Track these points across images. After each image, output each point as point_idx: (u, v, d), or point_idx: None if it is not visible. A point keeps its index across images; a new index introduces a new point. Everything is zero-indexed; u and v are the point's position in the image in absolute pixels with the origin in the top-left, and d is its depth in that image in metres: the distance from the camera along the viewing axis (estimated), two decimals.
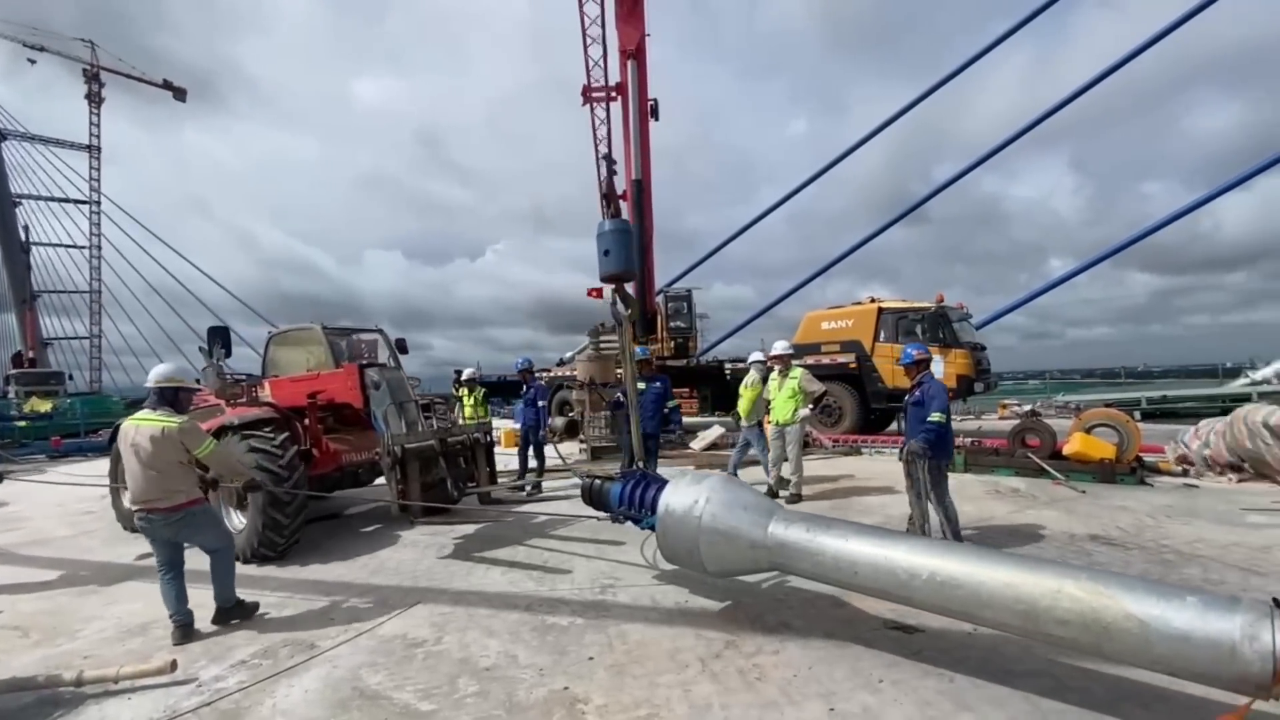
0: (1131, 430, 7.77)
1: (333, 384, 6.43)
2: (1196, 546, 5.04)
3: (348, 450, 6.54)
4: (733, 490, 3.85)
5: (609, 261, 4.61)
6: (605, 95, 17.77)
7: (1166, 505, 6.40)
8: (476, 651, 3.63)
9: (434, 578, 5.02)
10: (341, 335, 7.25)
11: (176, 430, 4.03)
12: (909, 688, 3.01)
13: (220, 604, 4.21)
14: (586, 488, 4.87)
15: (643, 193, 15.82)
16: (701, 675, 3.22)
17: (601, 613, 4.12)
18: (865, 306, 13.56)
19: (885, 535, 3.32)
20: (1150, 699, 2.83)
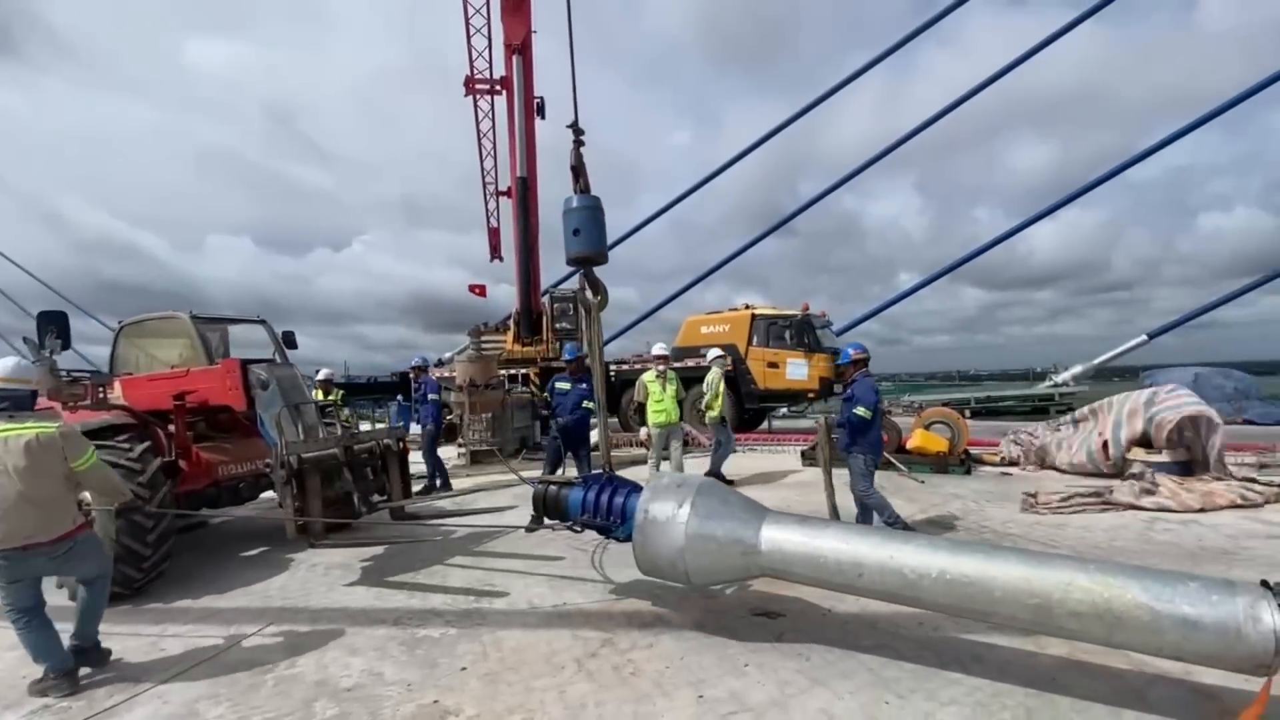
0: (961, 427, 8.84)
1: (206, 383, 5.47)
2: (1008, 526, 5.83)
3: (225, 461, 5.60)
4: (719, 494, 3.63)
5: (579, 241, 4.08)
6: (489, 88, 17.30)
7: (986, 491, 7.35)
8: (337, 672, 3.39)
9: (290, 597, 4.62)
10: (214, 326, 6.28)
11: (57, 436, 3.27)
12: (771, 669, 3.21)
13: (79, 643, 3.48)
14: (540, 495, 4.38)
15: (528, 191, 15.57)
16: (578, 675, 3.23)
17: (477, 621, 4.01)
18: (740, 312, 14.32)
19: (889, 535, 3.23)
20: (969, 660, 3.23)
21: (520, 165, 15.37)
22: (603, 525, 4.06)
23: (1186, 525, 5.70)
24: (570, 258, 4.20)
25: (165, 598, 4.60)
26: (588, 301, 4.35)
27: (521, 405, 12.36)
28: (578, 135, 4.13)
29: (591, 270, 4.27)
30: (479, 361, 11.77)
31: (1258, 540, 5.22)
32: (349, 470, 5.16)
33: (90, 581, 3.54)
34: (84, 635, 3.51)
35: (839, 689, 3.00)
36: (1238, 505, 6.26)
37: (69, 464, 3.31)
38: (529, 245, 15.67)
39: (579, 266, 4.28)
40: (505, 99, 16.24)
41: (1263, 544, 5.11)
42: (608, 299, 4.32)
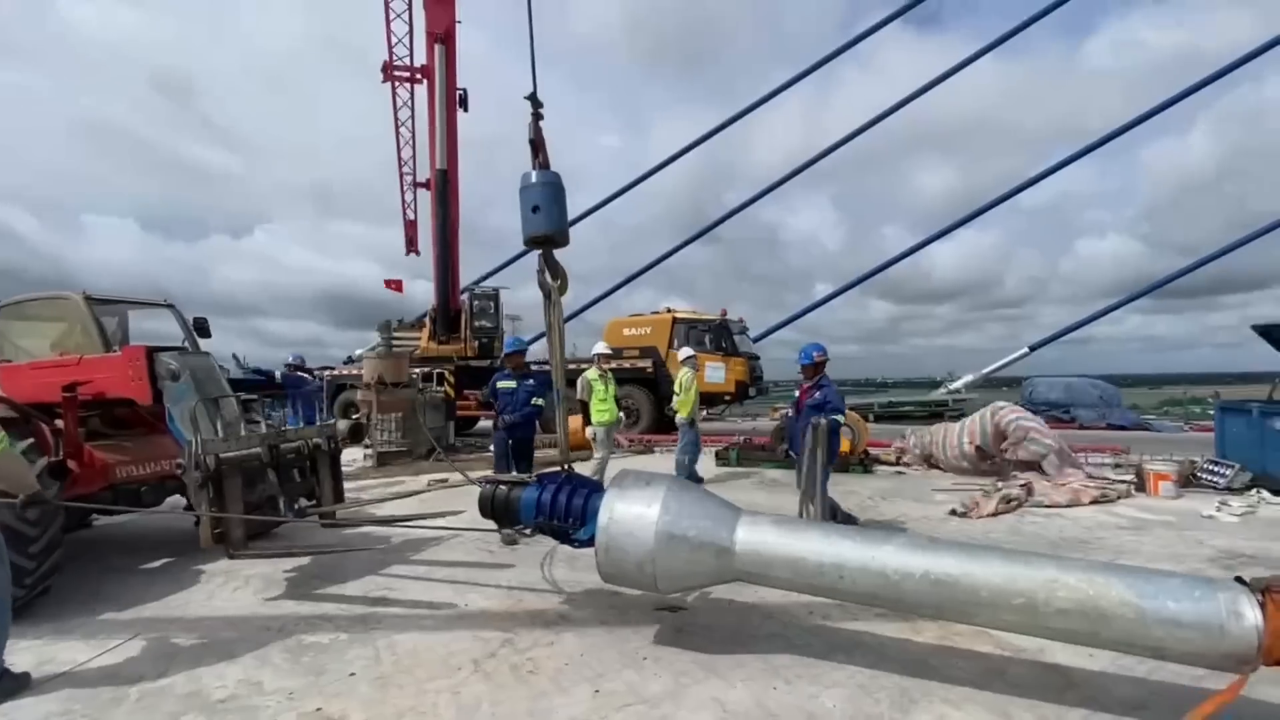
0: (861, 429, 9.38)
1: (103, 373, 4.91)
2: (899, 519, 6.23)
3: (124, 461, 4.90)
4: (690, 494, 3.42)
5: (538, 220, 3.75)
6: (410, 76, 16.70)
7: (882, 488, 7.83)
8: (210, 683, 3.15)
9: (168, 606, 4.26)
10: (112, 310, 5.60)
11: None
12: (669, 662, 3.27)
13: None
14: (487, 497, 4.02)
15: (448, 184, 15.14)
16: (474, 676, 3.17)
17: (371, 626, 3.84)
18: (662, 316, 14.54)
19: (870, 535, 3.15)
20: (852, 646, 3.42)
21: (440, 157, 14.95)
22: (559, 528, 3.76)
23: (1050, 519, 6.30)
24: (528, 237, 3.86)
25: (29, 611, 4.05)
26: (547, 285, 4.04)
27: (435, 405, 11.99)
28: (536, 108, 3.84)
29: (551, 251, 3.99)
30: (389, 359, 11.29)
31: (1109, 531, 5.83)
32: (274, 472, 4.74)
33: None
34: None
35: (731, 677, 3.09)
36: (1098, 501, 6.98)
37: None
38: (448, 240, 15.25)
39: (537, 247, 3.94)
40: (426, 88, 15.74)
41: (1113, 534, 5.72)
42: (568, 283, 4.04)
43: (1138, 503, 6.95)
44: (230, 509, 4.28)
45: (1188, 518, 6.25)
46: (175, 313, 5.95)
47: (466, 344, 15.34)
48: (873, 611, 3.83)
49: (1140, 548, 5.27)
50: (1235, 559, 4.88)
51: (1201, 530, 5.80)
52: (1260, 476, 7.38)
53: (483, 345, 15.68)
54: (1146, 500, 7.08)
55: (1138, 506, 6.76)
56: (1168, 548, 5.26)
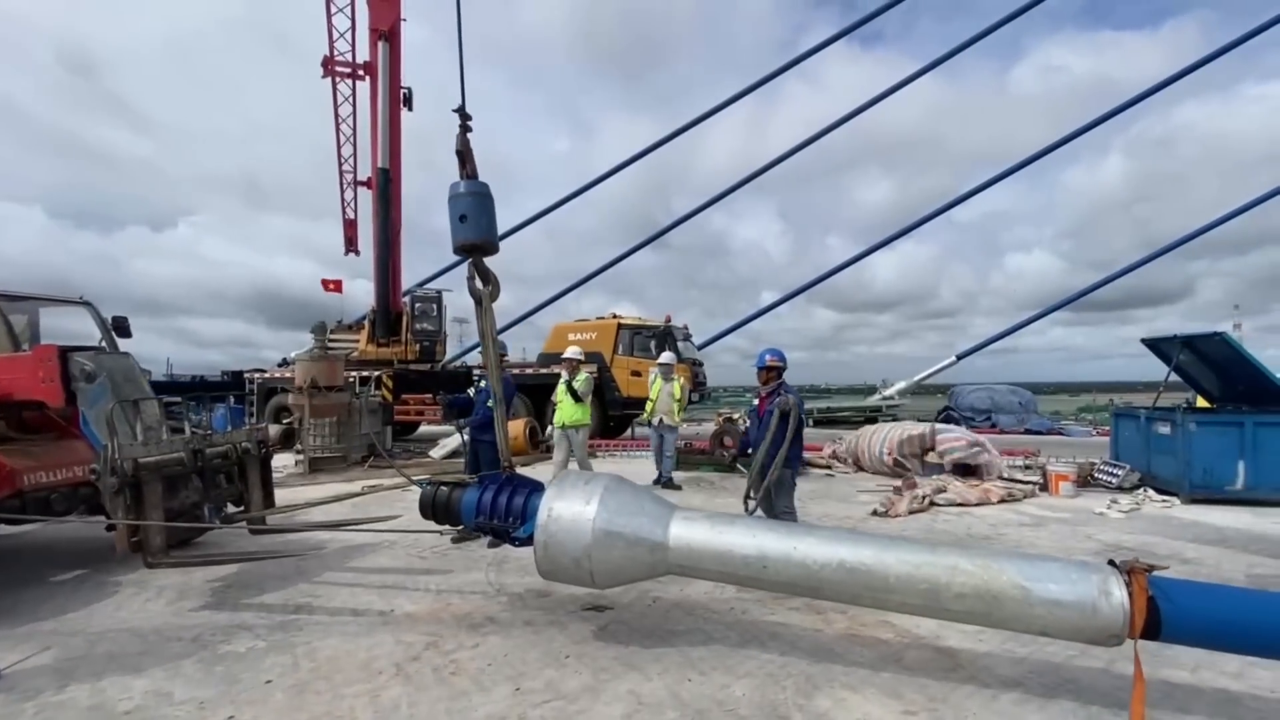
0: None
1: (11, 373, 4.76)
2: (824, 519, 6.52)
3: (32, 467, 4.62)
4: (627, 491, 3.48)
5: (466, 228, 3.83)
6: (351, 72, 16.30)
7: (811, 490, 8.16)
8: (115, 695, 3.05)
9: (69, 619, 4.06)
10: (21, 307, 5.38)
11: None
12: (591, 659, 3.37)
13: None
14: (429, 498, 4.01)
15: (390, 183, 14.85)
16: (394, 679, 3.18)
17: (292, 633, 3.78)
18: (607, 321, 14.65)
19: (792, 528, 3.31)
20: (766, 638, 3.61)
21: (382, 156, 14.67)
22: (499, 528, 3.78)
23: (961, 516, 6.73)
24: (457, 245, 3.94)
25: None
26: (478, 292, 4.07)
27: (372, 410, 11.72)
28: (464, 120, 3.93)
29: (480, 259, 4.04)
30: (323, 361, 10.98)
31: (1012, 528, 6.28)
32: (199, 477, 4.57)
33: None
34: None
35: (649, 671, 3.22)
36: (1005, 500, 7.49)
37: None
38: (389, 240, 14.94)
39: (467, 255, 4.01)
40: (369, 85, 15.41)
41: (1015, 530, 6.17)
42: (499, 289, 4.09)
43: (1041, 501, 7.50)
44: (149, 516, 4.11)
45: (1082, 514, 6.79)
46: (92, 311, 5.71)
47: (407, 347, 15.03)
48: (788, 605, 4.04)
49: (1037, 541, 5.71)
50: (1117, 551, 5.36)
51: (1092, 526, 6.32)
52: (1147, 476, 8.08)
53: (424, 349, 15.40)
54: (1049, 499, 7.64)
55: (1040, 505, 7.30)
56: (1060, 541, 5.72)
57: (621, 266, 24.56)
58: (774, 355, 5.22)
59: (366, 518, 5.19)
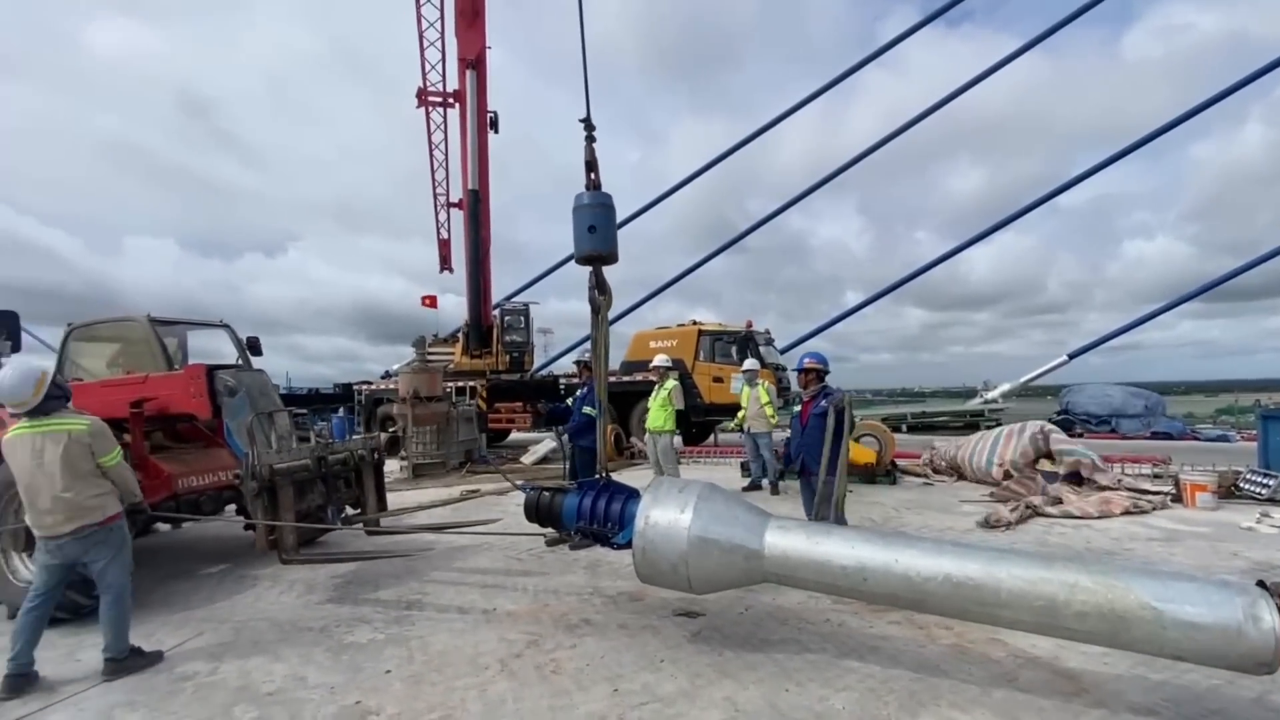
0: (888, 440, 9.33)
1: (167, 390, 5.22)
2: (923, 530, 6.22)
3: (185, 473, 5.16)
4: (722, 499, 3.52)
5: (593, 239, 3.87)
6: (442, 101, 17.33)
7: (909, 500, 7.79)
8: (259, 678, 3.41)
9: (217, 608, 4.56)
10: (173, 330, 6.00)
11: (88, 433, 3.47)
12: (685, 664, 3.40)
13: (112, 655, 3.50)
14: (532, 502, 4.20)
15: (480, 203, 15.63)
16: (500, 675, 3.35)
17: (406, 627, 4.07)
18: (687, 328, 14.68)
19: (894, 538, 3.19)
20: (865, 651, 3.50)
21: (472, 178, 15.45)
22: (599, 532, 3.91)
23: (1078, 529, 6.21)
24: (581, 256, 3.96)
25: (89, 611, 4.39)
26: (597, 301, 4.12)
27: (468, 418, 12.33)
28: (589, 130, 3.98)
29: (601, 269, 4.08)
30: (423, 373, 11.69)
31: (1138, 543, 5.73)
32: (322, 482, 5.00)
33: (104, 573, 3.56)
34: (114, 647, 3.52)
35: (744, 679, 3.21)
36: (1130, 512, 6.84)
37: (96, 459, 3.54)
38: (479, 257, 15.70)
39: (589, 265, 4.04)
40: (459, 112, 16.32)
41: (1142, 546, 5.62)
42: (613, 299, 4.20)
43: (1173, 514, 6.79)
44: (283, 517, 4.56)
45: (1224, 529, 6.09)
46: (230, 332, 6.34)
47: (498, 358, 15.74)
48: (887, 619, 3.90)
49: (1170, 559, 5.19)
50: (1268, 571, 4.77)
51: (1238, 542, 5.65)
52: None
53: (513, 359, 16.06)
54: (1183, 512, 6.90)
55: (1172, 518, 6.60)
56: (1199, 559, 5.16)
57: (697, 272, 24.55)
58: (813, 358, 5.02)
59: (470, 521, 5.50)
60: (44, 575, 3.53)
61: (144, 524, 4.62)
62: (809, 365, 5.03)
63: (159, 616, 4.39)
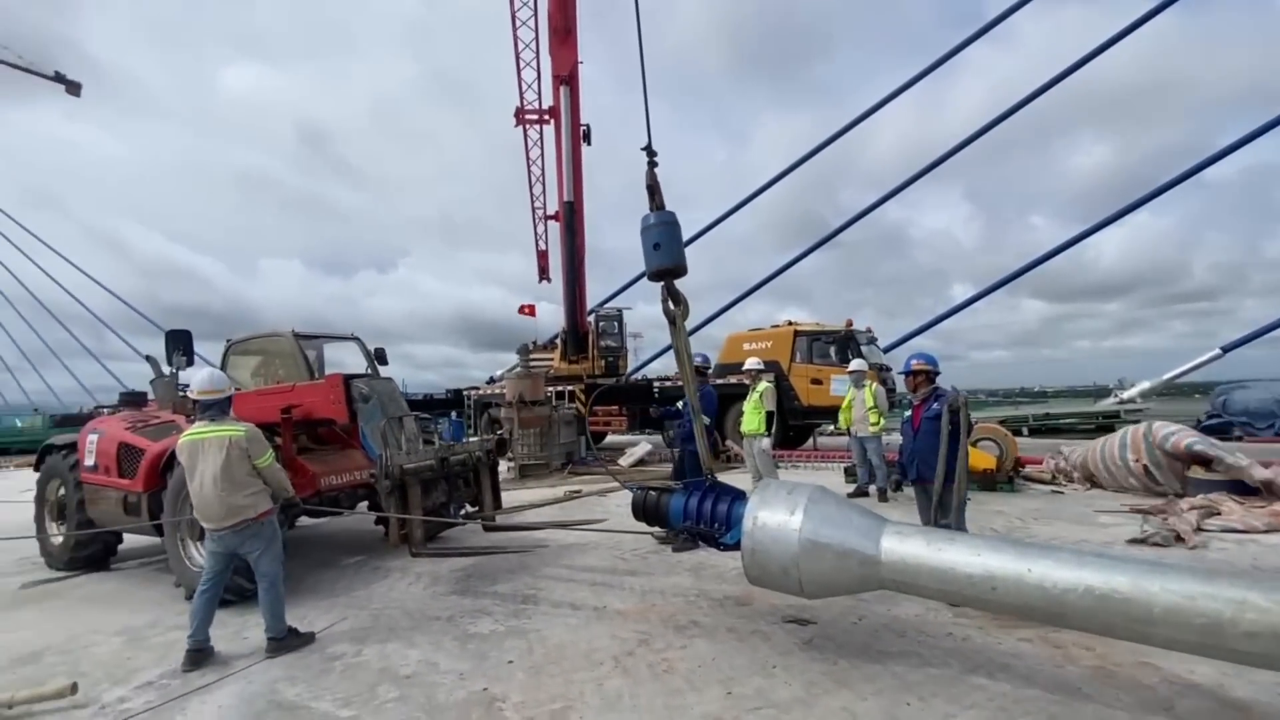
0: (1009, 444, 8.69)
1: (312, 397, 5.74)
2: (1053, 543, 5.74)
3: (326, 472, 5.61)
4: (833, 503, 3.46)
5: (659, 255, 4.11)
6: (538, 118, 18.06)
7: (1035, 509, 7.22)
8: (396, 661, 3.72)
9: (356, 595, 5.02)
10: (312, 343, 6.67)
11: (245, 438, 3.98)
12: (798, 671, 3.36)
13: (273, 635, 3.96)
14: (639, 501, 4.36)
15: (575, 215, 16.13)
16: (614, 671, 3.46)
17: (523, 620, 4.29)
18: (783, 329, 14.38)
19: (1026, 546, 2.97)
20: (995, 669, 3.29)
21: (568, 190, 15.97)
22: (705, 533, 3.99)
23: (1242, 545, 5.50)
24: (652, 272, 4.20)
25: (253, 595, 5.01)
26: (671, 313, 4.30)
27: (568, 421, 12.75)
28: (651, 156, 4.22)
29: (672, 282, 4.27)
30: (527, 379, 12.22)
31: None
32: (445, 481, 5.39)
33: (259, 562, 4.00)
34: (272, 628, 3.96)
35: (862, 690, 3.12)
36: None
37: (252, 461, 3.99)
38: (575, 266, 16.19)
39: (660, 279, 4.25)
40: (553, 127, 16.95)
41: None
42: (689, 309, 4.38)
43: None
44: (412, 514, 4.95)
45: None
46: (360, 344, 6.93)
47: (594, 363, 16.15)
48: (1017, 635, 3.66)
49: None
50: None
51: None
52: None
53: (609, 364, 16.43)
54: None
55: None
56: None
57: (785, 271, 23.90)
58: (921, 359, 4.81)
59: (581, 519, 5.71)
60: (212, 561, 4.03)
61: (293, 518, 5.19)
62: (917, 367, 4.84)
63: (309, 601, 4.89)
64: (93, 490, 5.91)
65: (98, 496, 5.87)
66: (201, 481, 3.92)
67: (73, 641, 4.31)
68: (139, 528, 5.58)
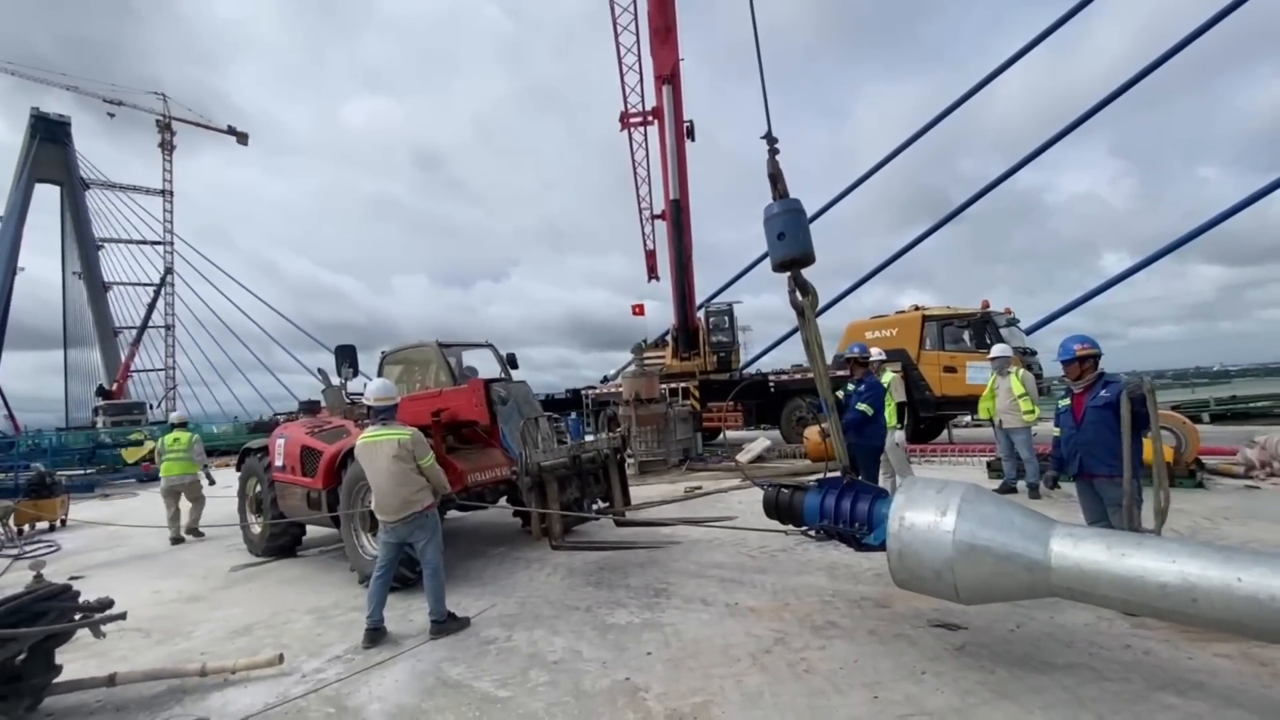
0: (1189, 433, 7.62)
1: (457, 401, 6.19)
2: (1249, 546, 4.98)
3: (472, 469, 6.05)
4: (991, 502, 3.24)
5: (785, 245, 3.98)
6: (642, 120, 18.32)
7: (1224, 507, 6.29)
8: (544, 648, 3.96)
9: (505, 584, 5.40)
10: (453, 351, 7.21)
11: (410, 441, 4.43)
12: (950, 679, 3.18)
13: (435, 618, 4.35)
14: (771, 499, 4.27)
15: (682, 212, 16.20)
16: (752, 668, 3.47)
17: (657, 613, 4.41)
18: (909, 315, 13.58)
19: (1233, 552, 2.62)
20: (1186, 686, 2.93)
21: (674, 188, 16.07)
22: (845, 532, 3.83)
23: None
24: (777, 262, 4.06)
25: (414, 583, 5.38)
26: (799, 303, 4.12)
27: (683, 418, 12.85)
28: (772, 144, 4.12)
29: (799, 271, 4.09)
30: (642, 377, 12.47)
31: None
32: (578, 478, 5.68)
33: (424, 551, 4.43)
34: (435, 611, 4.37)
35: (1028, 703, 2.90)
36: None
37: (416, 460, 4.42)
38: (683, 264, 16.25)
39: (787, 269, 4.09)
40: (657, 127, 17.11)
41: None
42: (818, 298, 4.23)
43: None
44: (550, 508, 5.23)
45: None
46: (493, 351, 7.46)
47: (706, 359, 16.14)
48: (1211, 650, 3.24)
49: None
50: None
51: None
52: None
53: (721, 359, 16.34)
54: None
55: None
56: None
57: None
58: (1084, 343, 4.28)
59: (711, 516, 5.77)
60: (385, 551, 4.49)
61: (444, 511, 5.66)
62: (1081, 352, 4.29)
63: (462, 589, 5.32)
64: (282, 487, 6.79)
65: (286, 493, 6.74)
66: (377, 479, 4.39)
67: (275, 618, 5.00)
68: (320, 520, 6.33)
